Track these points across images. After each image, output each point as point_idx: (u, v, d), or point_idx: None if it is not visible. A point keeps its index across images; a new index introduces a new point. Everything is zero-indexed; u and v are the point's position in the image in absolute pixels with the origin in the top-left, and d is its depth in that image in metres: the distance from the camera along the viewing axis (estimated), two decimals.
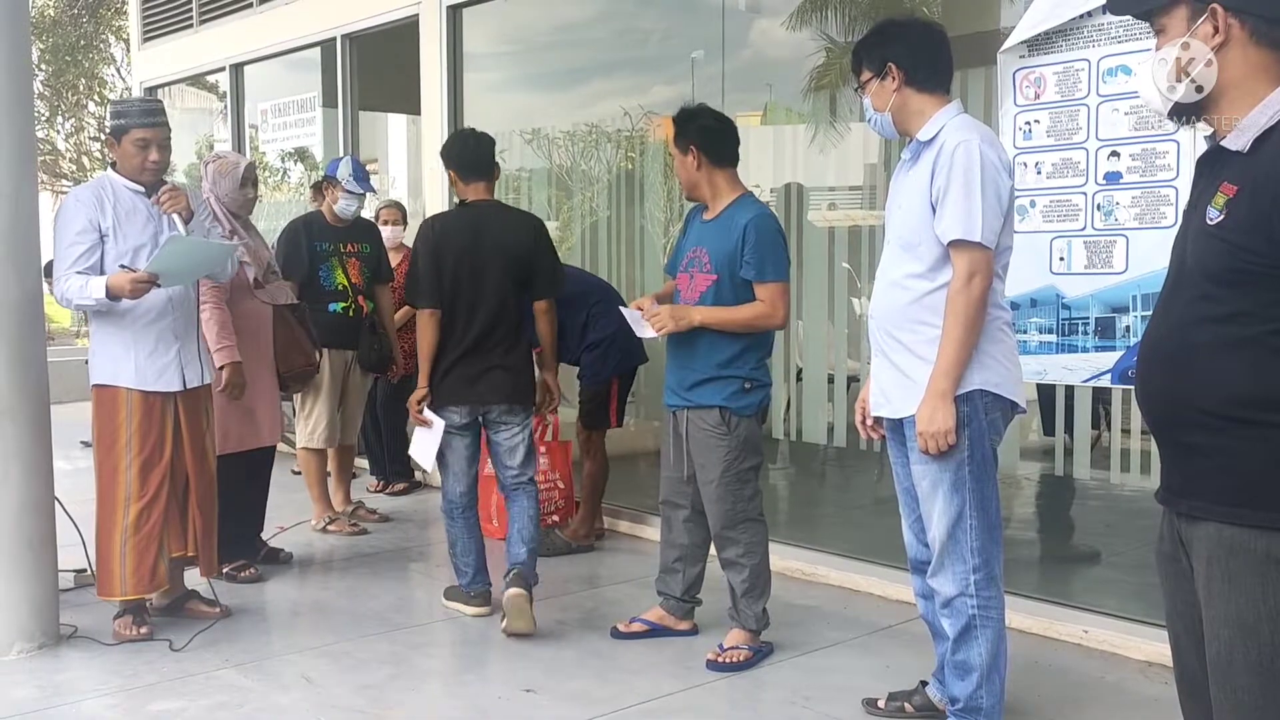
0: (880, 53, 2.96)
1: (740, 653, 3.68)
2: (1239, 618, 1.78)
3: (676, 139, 3.68)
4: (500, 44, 6.94)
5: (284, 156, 8.29)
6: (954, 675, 2.99)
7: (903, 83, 2.93)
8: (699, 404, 3.63)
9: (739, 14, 5.75)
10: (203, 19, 8.54)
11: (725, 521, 3.66)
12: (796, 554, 4.76)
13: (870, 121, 3.05)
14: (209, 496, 4.01)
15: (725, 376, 3.59)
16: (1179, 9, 1.87)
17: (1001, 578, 2.98)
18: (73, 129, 19.96)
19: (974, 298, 2.80)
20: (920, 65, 2.94)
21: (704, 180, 3.66)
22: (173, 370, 3.86)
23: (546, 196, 6.72)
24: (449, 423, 4.03)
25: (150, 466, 3.83)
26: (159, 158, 3.83)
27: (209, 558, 4.05)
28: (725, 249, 3.58)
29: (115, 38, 19.00)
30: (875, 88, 2.98)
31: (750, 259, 3.53)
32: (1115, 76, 3.59)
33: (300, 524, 5.47)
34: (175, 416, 3.88)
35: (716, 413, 3.60)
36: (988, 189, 2.79)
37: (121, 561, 3.81)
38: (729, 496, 3.63)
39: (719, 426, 3.60)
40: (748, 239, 3.53)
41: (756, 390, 3.63)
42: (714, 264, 3.60)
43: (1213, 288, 1.80)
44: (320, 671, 3.66)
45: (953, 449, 2.83)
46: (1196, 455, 1.84)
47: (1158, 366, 1.90)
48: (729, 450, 3.61)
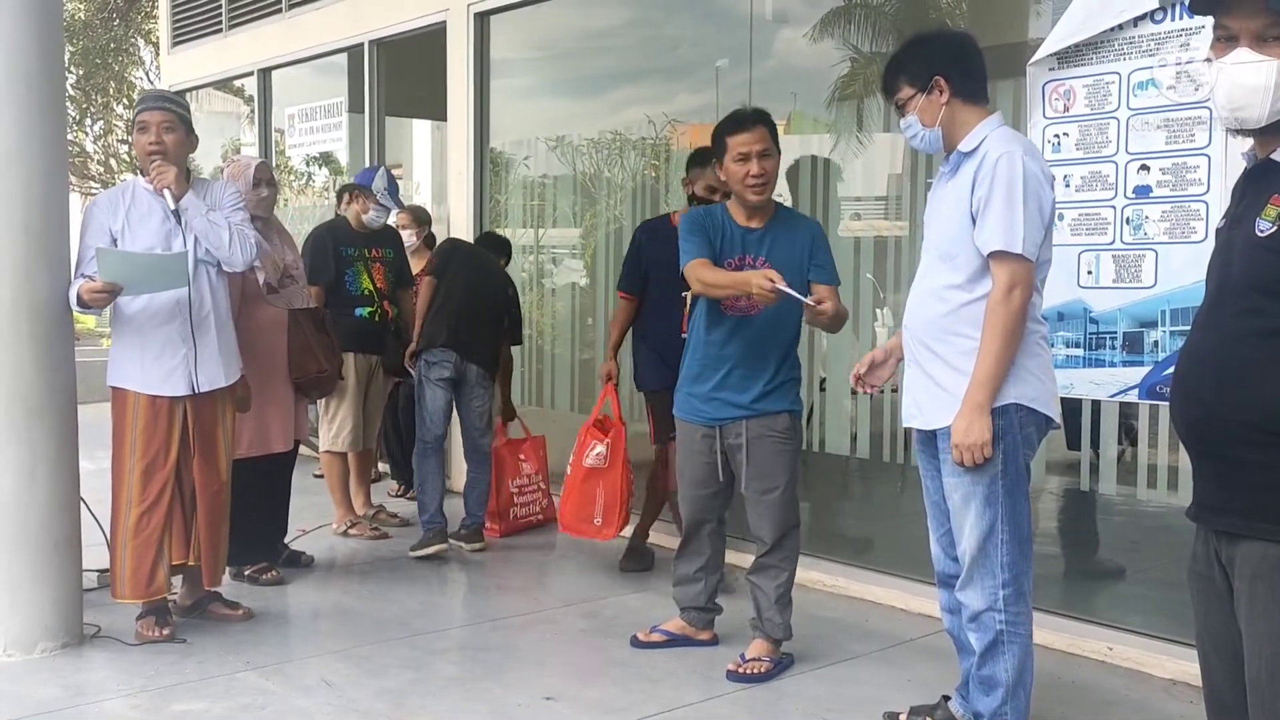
0: (924, 67, 2.92)
1: (762, 664, 3.67)
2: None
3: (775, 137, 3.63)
4: (526, 50, 6.95)
5: (309, 161, 8.34)
6: (979, 690, 2.97)
7: (951, 95, 2.91)
8: (768, 411, 3.56)
9: (765, 23, 5.74)
10: (232, 23, 8.61)
11: (781, 530, 3.62)
12: (818, 566, 4.74)
13: (915, 138, 2.99)
14: (217, 505, 3.94)
15: (791, 379, 3.58)
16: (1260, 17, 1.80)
17: (1031, 594, 2.95)
18: (101, 131, 20.13)
19: (1014, 310, 2.77)
20: (965, 76, 2.92)
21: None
22: (179, 374, 3.81)
23: (570, 203, 6.72)
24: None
25: (152, 471, 3.81)
26: (157, 138, 3.78)
27: (213, 568, 3.98)
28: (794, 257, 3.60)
29: (145, 41, 19.15)
30: (921, 103, 2.93)
31: (825, 264, 3.60)
32: (1145, 90, 3.57)
33: (322, 527, 5.49)
34: (184, 421, 3.85)
35: (786, 418, 3.55)
36: (1030, 201, 2.77)
37: (122, 564, 3.83)
38: (791, 504, 3.62)
39: (787, 431, 3.56)
40: (816, 245, 3.61)
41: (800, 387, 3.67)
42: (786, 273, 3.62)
43: (1263, 300, 1.77)
44: (341, 675, 3.67)
45: (987, 462, 2.81)
46: (1240, 472, 1.81)
47: (1200, 382, 1.87)
48: (795, 454, 3.59)
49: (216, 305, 3.91)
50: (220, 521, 3.98)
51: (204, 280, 3.86)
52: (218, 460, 3.95)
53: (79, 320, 7.34)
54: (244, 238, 3.86)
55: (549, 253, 6.91)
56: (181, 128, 3.86)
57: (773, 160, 3.57)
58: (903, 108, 2.99)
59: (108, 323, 15.86)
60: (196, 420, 3.87)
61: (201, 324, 3.86)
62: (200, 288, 3.85)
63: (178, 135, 3.84)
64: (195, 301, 3.83)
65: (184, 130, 3.87)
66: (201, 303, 3.85)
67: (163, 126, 3.81)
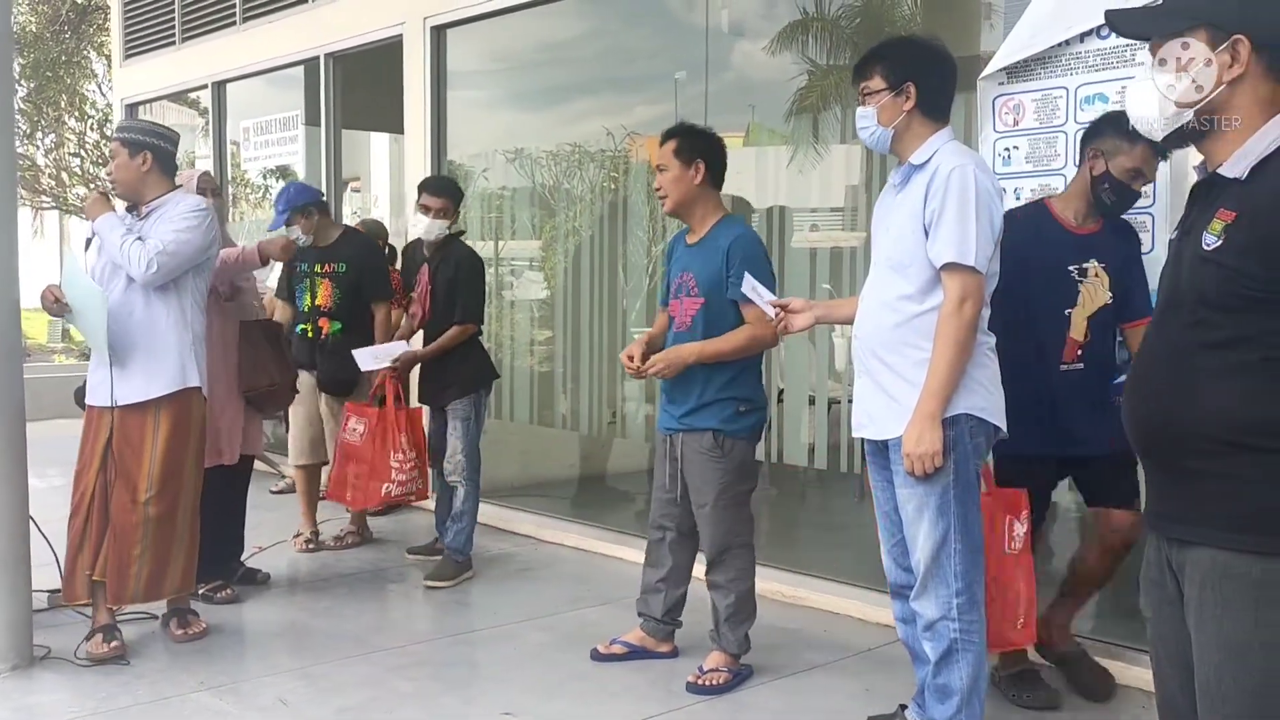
0: (901, 68, 2.95)
1: (720, 675, 3.67)
2: (1231, 642, 1.78)
3: (680, 151, 3.62)
4: (484, 63, 6.95)
5: (266, 174, 8.27)
6: (935, 699, 2.99)
7: (916, 104, 2.94)
8: (694, 427, 3.61)
9: (722, 35, 5.78)
10: (185, 36, 8.53)
11: (718, 546, 3.65)
12: (778, 576, 4.75)
13: (866, 131, 3.00)
14: (128, 524, 3.85)
15: (722, 399, 3.58)
16: (1196, 34, 1.85)
17: (984, 602, 2.98)
18: (53, 144, 19.84)
19: (965, 321, 2.81)
20: (935, 91, 2.96)
21: (699, 198, 3.64)
22: (103, 386, 3.88)
23: (529, 216, 6.72)
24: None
25: (79, 478, 3.93)
26: (109, 170, 4.05)
27: (117, 588, 3.87)
28: (711, 271, 3.58)
29: (97, 54, 18.91)
30: (886, 100, 2.97)
31: (736, 279, 3.52)
32: (1093, 104, 3.62)
33: (278, 544, 5.43)
34: (111, 437, 3.88)
35: (710, 436, 3.59)
36: (982, 214, 2.81)
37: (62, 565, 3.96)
38: (724, 520, 3.63)
39: (713, 449, 3.59)
40: (732, 259, 3.53)
41: (752, 413, 3.62)
42: (701, 287, 3.60)
43: (1210, 313, 1.80)
44: (297, 694, 3.62)
45: (938, 472, 2.84)
46: (1191, 480, 1.84)
47: (1151, 391, 1.90)
48: (724, 473, 3.60)
49: (150, 320, 3.89)
50: (128, 543, 3.85)
51: (136, 295, 3.89)
52: (135, 482, 3.86)
53: (27, 335, 7.26)
54: (131, 251, 3.80)
55: (508, 265, 6.90)
56: (123, 151, 3.98)
57: (669, 174, 3.61)
58: (866, 97, 3.01)
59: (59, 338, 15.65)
60: (121, 435, 3.88)
61: (129, 336, 3.86)
62: (131, 301, 3.89)
63: (120, 160, 3.99)
64: (130, 316, 3.87)
65: (126, 154, 3.97)
66: (134, 317, 3.88)
67: (112, 158, 4.04)
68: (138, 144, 3.98)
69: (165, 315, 3.92)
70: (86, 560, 3.89)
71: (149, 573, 3.90)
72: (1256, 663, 1.76)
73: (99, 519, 3.88)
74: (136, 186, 4.00)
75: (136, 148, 3.97)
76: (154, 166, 4.00)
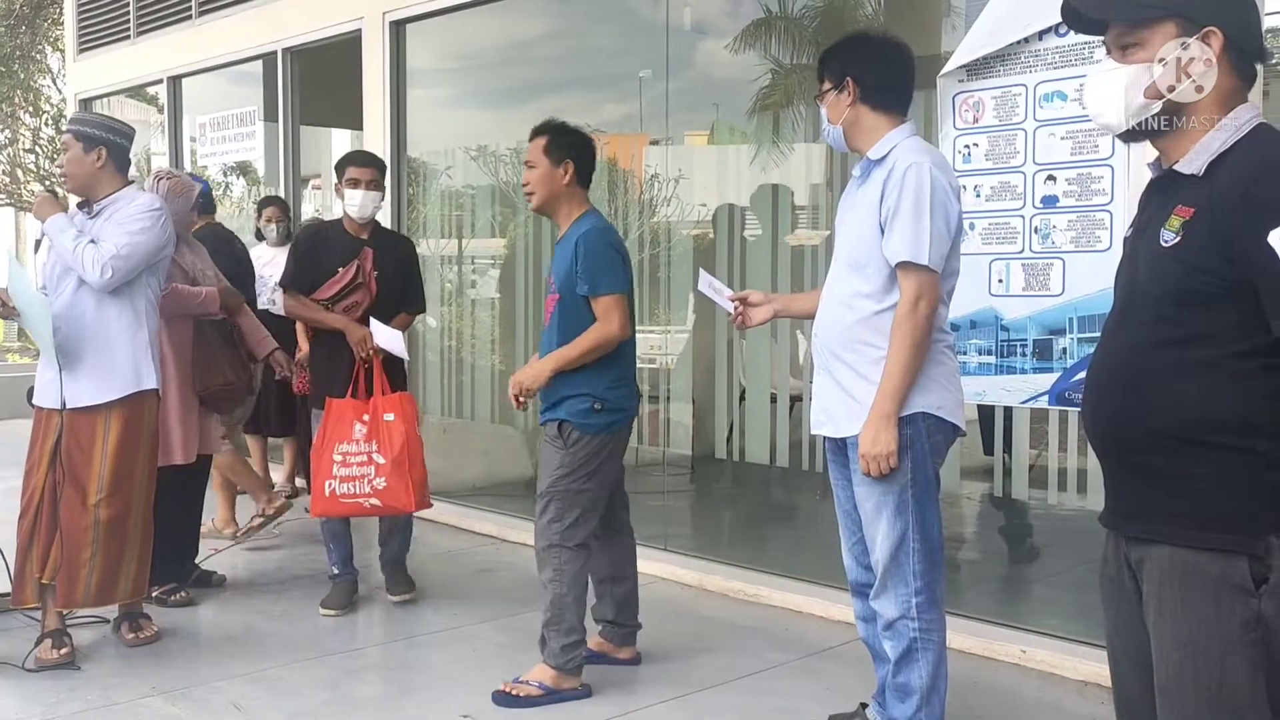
0: (841, 65, 2.97)
1: (527, 688, 3.50)
2: (1190, 640, 1.78)
3: (549, 149, 3.58)
4: (444, 60, 6.89)
5: (226, 171, 8.16)
6: (894, 697, 2.98)
7: (857, 98, 2.94)
8: (548, 420, 3.58)
9: (684, 34, 5.76)
10: (140, 30, 8.40)
11: (541, 539, 3.56)
12: (739, 574, 4.75)
13: (824, 133, 3.06)
14: (78, 527, 3.77)
15: (577, 395, 3.53)
16: (1165, 26, 1.83)
17: (943, 600, 2.98)
18: (7, 140, 19.50)
19: (920, 321, 2.80)
20: (877, 83, 2.95)
21: (567, 197, 3.61)
22: (51, 387, 3.81)
23: (491, 214, 6.67)
24: None
25: (28, 479, 3.87)
26: (63, 162, 3.93)
27: (67, 591, 3.78)
28: (564, 267, 3.56)
29: (52, 48, 18.61)
30: (832, 99, 2.99)
31: (583, 275, 3.48)
32: (1051, 102, 3.63)
33: (233, 546, 5.35)
34: (60, 439, 3.81)
35: (555, 426, 3.55)
36: (937, 213, 2.80)
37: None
38: (548, 512, 3.52)
39: (556, 439, 3.54)
40: (579, 255, 3.50)
41: (607, 413, 3.53)
42: (556, 283, 3.59)
43: (1170, 310, 1.79)
44: (251, 699, 3.56)
45: (895, 472, 2.83)
46: (1151, 478, 1.83)
47: (1111, 389, 1.89)
48: (559, 465, 3.51)
49: (101, 321, 3.81)
50: (78, 546, 3.77)
51: (87, 297, 3.79)
52: (84, 484, 3.78)
53: None
54: (85, 255, 3.72)
55: (471, 263, 6.85)
56: (77, 145, 3.88)
57: (536, 172, 3.60)
58: (819, 100, 3.05)
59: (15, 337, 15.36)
60: (70, 437, 3.80)
61: (79, 339, 3.78)
62: (82, 303, 3.80)
63: (73, 154, 3.89)
64: (79, 318, 3.79)
65: (80, 148, 3.87)
66: (83, 319, 3.79)
67: (63, 151, 3.93)
68: (92, 138, 3.88)
69: (118, 316, 3.83)
70: (35, 563, 3.81)
71: (100, 577, 3.81)
72: (1215, 661, 1.76)
73: (48, 521, 3.80)
74: (89, 182, 3.90)
75: (91, 142, 3.87)
76: (108, 162, 3.90)
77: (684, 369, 5.82)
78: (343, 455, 4.26)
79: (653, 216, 5.87)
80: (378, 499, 4.27)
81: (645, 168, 6.04)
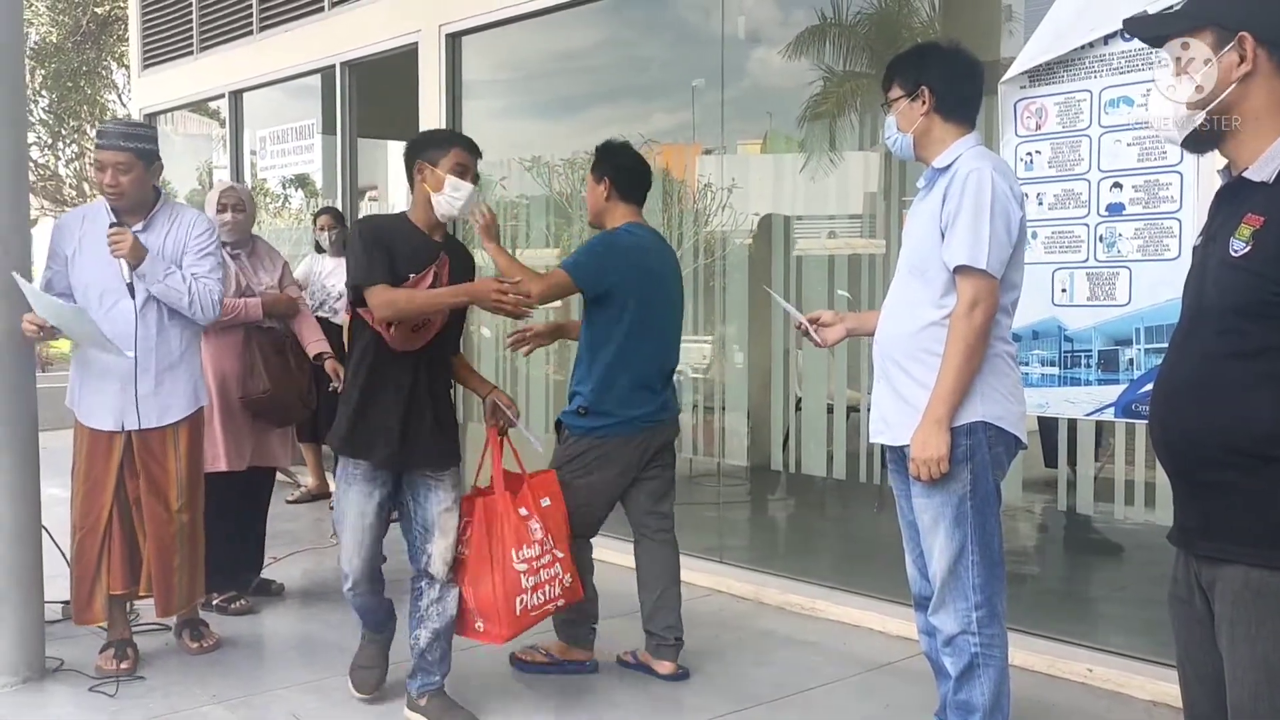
0: (916, 74, 2.95)
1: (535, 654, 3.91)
2: (1266, 662, 1.73)
3: (594, 167, 3.90)
4: (499, 71, 6.93)
5: (285, 183, 8.28)
6: (956, 715, 2.92)
7: (932, 108, 2.92)
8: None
9: (739, 42, 5.74)
10: (203, 46, 8.56)
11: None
12: (795, 587, 4.69)
13: (889, 139, 3.03)
14: (166, 537, 3.80)
15: (573, 395, 3.84)
16: (1203, 34, 1.82)
17: (1004, 615, 2.92)
18: (74, 155, 20.00)
19: (976, 326, 2.75)
20: (952, 94, 2.93)
21: (609, 210, 3.88)
22: (107, 410, 3.74)
23: (546, 223, 6.69)
24: None
25: (91, 499, 3.78)
26: (113, 181, 3.67)
27: (165, 599, 3.84)
28: None
29: (117, 64, 19.08)
30: (904, 107, 2.96)
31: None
32: (1117, 108, 3.56)
33: (293, 554, 5.40)
34: (129, 454, 3.77)
35: (558, 421, 3.87)
36: (997, 218, 2.76)
37: (71, 588, 3.85)
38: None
39: (556, 433, 3.88)
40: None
41: (593, 416, 3.75)
42: None
43: (1240, 321, 1.75)
44: (309, 709, 3.59)
45: (952, 481, 2.78)
46: (1222, 495, 1.78)
47: (1180, 403, 1.84)
48: (559, 455, 3.82)
49: (165, 344, 3.79)
50: (169, 553, 3.82)
51: (152, 319, 3.75)
52: (165, 493, 3.82)
53: (53, 345, 7.25)
54: (205, 295, 3.74)
55: None
56: (140, 165, 3.71)
57: (588, 187, 3.94)
58: (889, 106, 3.02)
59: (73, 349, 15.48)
60: (143, 451, 3.80)
61: (144, 362, 3.74)
62: (148, 327, 3.74)
63: (134, 175, 3.71)
64: (143, 339, 3.72)
65: (143, 166, 3.73)
66: (149, 340, 3.74)
67: (119, 169, 3.67)
68: (151, 154, 3.79)
69: (179, 338, 3.83)
70: (115, 581, 3.80)
71: (188, 581, 3.90)
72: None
73: (120, 537, 3.79)
74: (145, 198, 3.81)
75: (150, 159, 3.78)
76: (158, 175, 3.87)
77: (739, 379, 5.78)
78: (527, 562, 3.43)
79: (706, 226, 5.85)
80: (565, 598, 3.54)
81: (699, 177, 6.03)
